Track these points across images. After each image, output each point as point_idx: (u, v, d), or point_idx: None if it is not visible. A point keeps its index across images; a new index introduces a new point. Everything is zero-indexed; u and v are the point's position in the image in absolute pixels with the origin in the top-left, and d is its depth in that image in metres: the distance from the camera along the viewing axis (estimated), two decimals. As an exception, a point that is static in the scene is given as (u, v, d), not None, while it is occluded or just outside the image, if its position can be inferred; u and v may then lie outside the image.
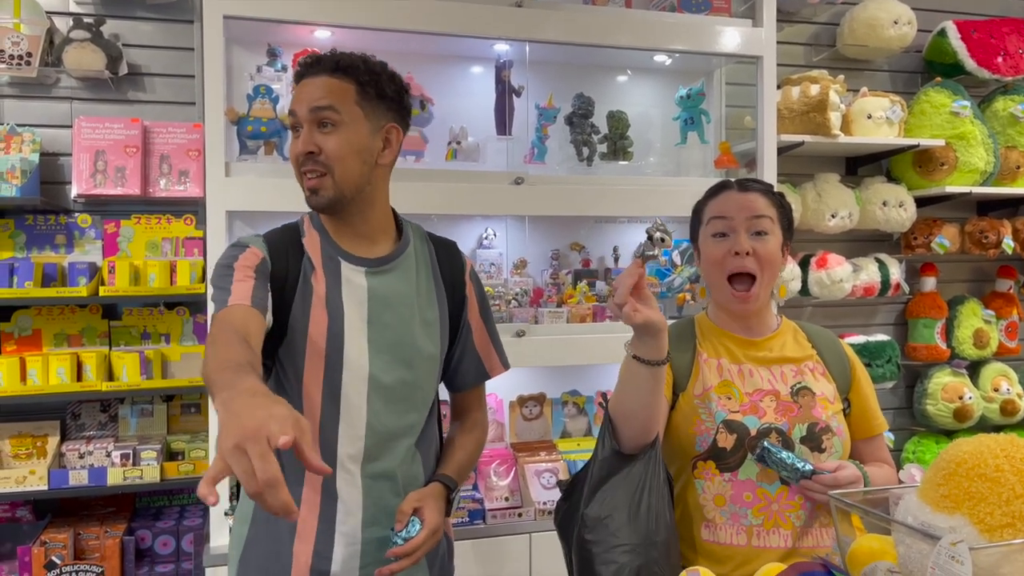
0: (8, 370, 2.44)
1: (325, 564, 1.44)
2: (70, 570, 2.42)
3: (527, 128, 2.87)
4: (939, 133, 3.37)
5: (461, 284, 1.64)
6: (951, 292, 3.64)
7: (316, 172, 1.45)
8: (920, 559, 1.06)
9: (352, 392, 1.46)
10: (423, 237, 1.63)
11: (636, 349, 1.41)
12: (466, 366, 1.66)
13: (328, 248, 1.51)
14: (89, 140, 2.59)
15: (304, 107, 1.44)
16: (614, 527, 1.42)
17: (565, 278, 3.00)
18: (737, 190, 1.61)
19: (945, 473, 1.08)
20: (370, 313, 1.49)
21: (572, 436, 3.02)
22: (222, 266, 1.43)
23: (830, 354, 1.65)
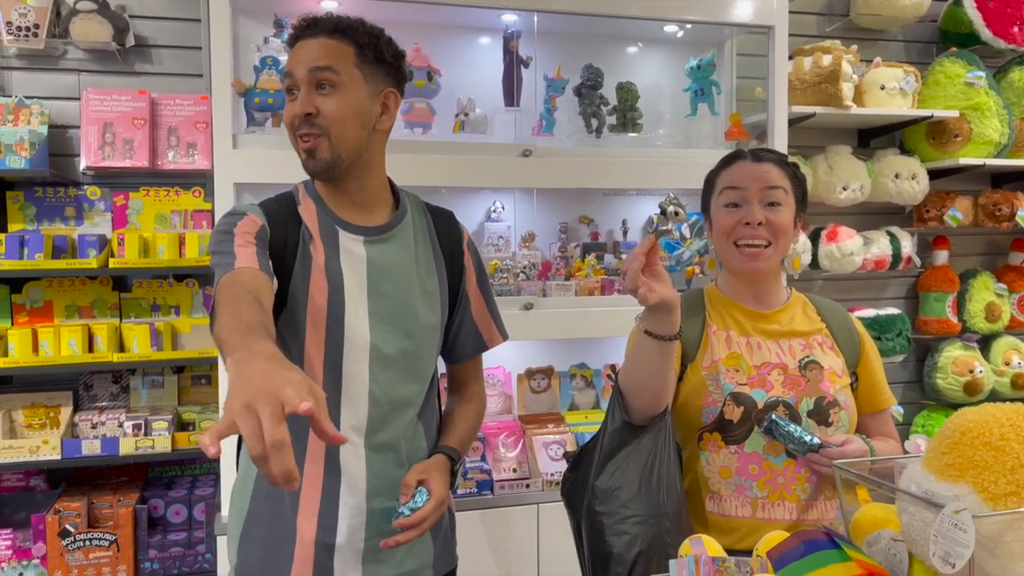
0: (20, 341, 2.47)
1: (330, 537, 1.43)
2: (84, 538, 2.45)
3: (535, 100, 2.85)
4: (953, 104, 3.33)
5: (459, 254, 1.62)
6: (963, 265, 3.61)
7: (313, 134, 1.41)
8: (923, 527, 1.07)
9: (353, 363, 1.44)
10: (420, 207, 1.61)
11: (648, 324, 1.40)
12: (464, 337, 1.64)
13: (325, 217, 1.48)
14: (97, 112, 2.59)
15: (303, 68, 1.40)
16: (625, 498, 1.43)
17: (573, 251, 2.99)
18: (751, 160, 1.59)
19: (950, 442, 1.08)
20: (370, 283, 1.47)
21: (580, 409, 3.03)
22: (220, 232, 1.39)
23: (839, 328, 1.64)
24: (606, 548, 1.41)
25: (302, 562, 1.42)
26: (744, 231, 1.55)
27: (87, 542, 2.46)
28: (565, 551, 2.60)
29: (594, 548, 1.45)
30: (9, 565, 2.44)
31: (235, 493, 1.52)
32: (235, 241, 1.35)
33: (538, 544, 2.61)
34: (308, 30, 1.43)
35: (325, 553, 1.43)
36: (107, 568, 2.47)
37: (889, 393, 1.68)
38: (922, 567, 1.11)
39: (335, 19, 1.44)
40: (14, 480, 2.67)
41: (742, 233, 1.55)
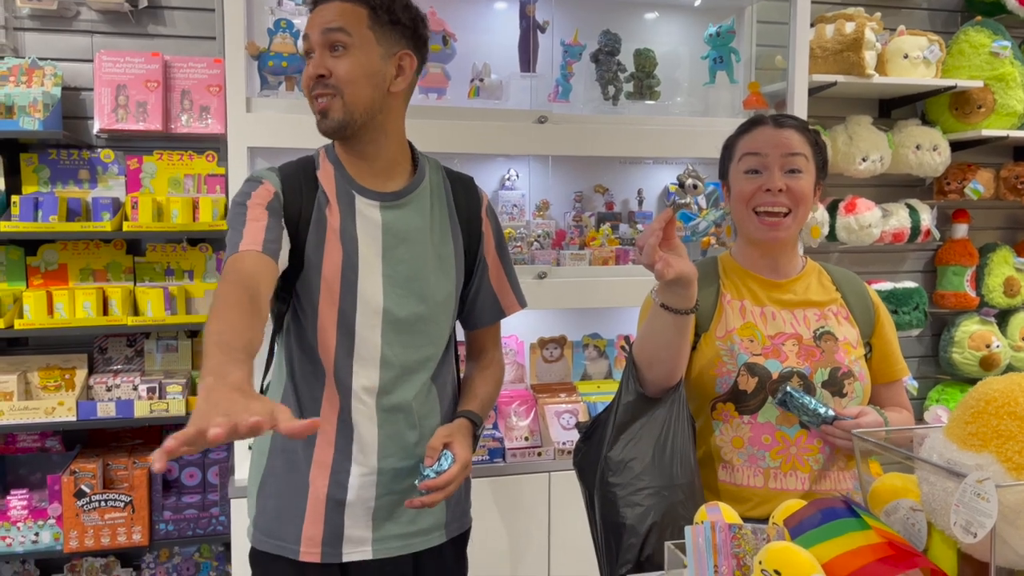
0: (35, 303, 2.47)
1: (341, 493, 1.45)
2: (100, 499, 2.48)
3: (552, 65, 2.81)
4: (977, 74, 3.27)
5: (477, 220, 1.61)
6: (983, 239, 3.57)
7: (327, 94, 1.42)
8: (944, 497, 1.05)
9: (365, 326, 1.46)
10: (440, 172, 1.60)
11: (664, 298, 1.39)
12: (481, 304, 1.64)
13: (342, 181, 1.49)
14: (110, 74, 2.57)
15: (316, 30, 1.42)
16: (638, 470, 1.43)
17: (588, 220, 2.97)
18: (772, 126, 1.56)
19: (974, 411, 1.06)
20: (384, 247, 1.48)
21: (592, 379, 3.03)
22: (236, 204, 1.43)
23: (854, 297, 1.62)
24: (619, 519, 1.41)
25: (313, 516, 1.45)
26: (764, 198, 1.52)
27: (103, 503, 2.48)
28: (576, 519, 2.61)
29: (607, 519, 1.45)
30: (25, 524, 2.47)
31: (255, 450, 1.55)
32: (247, 215, 1.38)
33: (549, 512, 2.62)
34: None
35: (336, 509, 1.46)
36: (122, 529, 2.50)
37: (903, 364, 1.66)
38: (941, 537, 1.10)
39: None
40: (30, 441, 2.70)
41: (762, 200, 1.53)
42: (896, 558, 1.02)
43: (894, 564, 1.01)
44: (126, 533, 2.51)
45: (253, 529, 1.51)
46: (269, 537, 1.48)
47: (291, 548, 1.45)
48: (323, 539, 1.45)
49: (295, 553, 1.45)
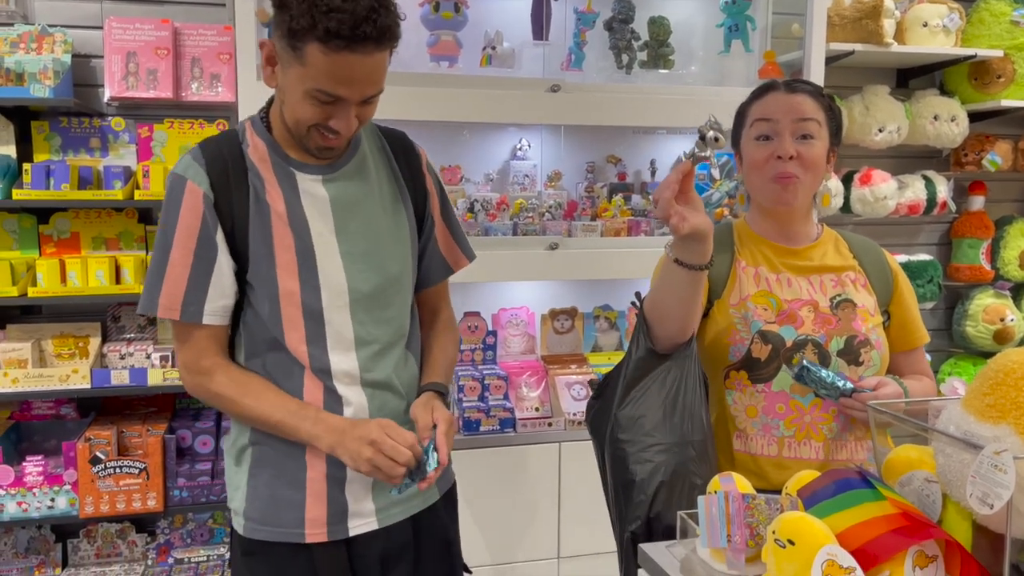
0: (48, 271, 2.48)
1: (340, 471, 1.43)
2: (114, 465, 2.50)
3: (565, 33, 2.77)
4: (997, 43, 3.21)
5: (421, 177, 1.55)
6: (999, 212, 3.53)
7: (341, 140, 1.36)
8: (961, 469, 1.05)
9: (333, 308, 1.41)
10: (374, 133, 1.53)
11: (679, 253, 1.36)
12: (428, 263, 1.59)
13: (278, 159, 1.40)
14: (120, 41, 2.56)
15: (357, 94, 1.29)
16: (648, 427, 1.42)
17: (600, 191, 2.95)
18: (784, 91, 1.53)
19: (992, 383, 1.05)
20: (336, 223, 1.41)
21: (603, 350, 3.03)
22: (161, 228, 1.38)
23: (872, 265, 1.61)
24: (629, 476, 1.41)
25: (315, 498, 1.43)
26: (776, 165, 1.50)
27: (117, 469, 2.51)
28: (585, 489, 2.62)
29: (617, 476, 1.45)
30: (41, 490, 2.50)
31: (231, 440, 1.51)
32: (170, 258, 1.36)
33: (559, 482, 2.64)
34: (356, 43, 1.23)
35: (337, 487, 1.44)
36: (137, 495, 2.53)
37: (923, 331, 1.64)
38: (956, 508, 1.10)
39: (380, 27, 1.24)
40: (45, 408, 2.72)
41: (774, 168, 1.51)
42: (911, 529, 1.02)
43: (909, 535, 1.01)
44: (141, 499, 2.54)
45: (244, 520, 1.46)
46: (267, 525, 1.44)
47: (295, 532, 1.43)
48: (327, 519, 1.43)
49: (300, 537, 1.42)
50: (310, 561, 1.43)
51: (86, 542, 2.74)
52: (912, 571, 1.01)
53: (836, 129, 1.57)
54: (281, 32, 1.26)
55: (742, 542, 1.10)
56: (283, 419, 1.37)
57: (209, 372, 1.40)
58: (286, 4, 1.24)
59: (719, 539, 1.11)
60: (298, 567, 1.43)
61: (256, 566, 1.46)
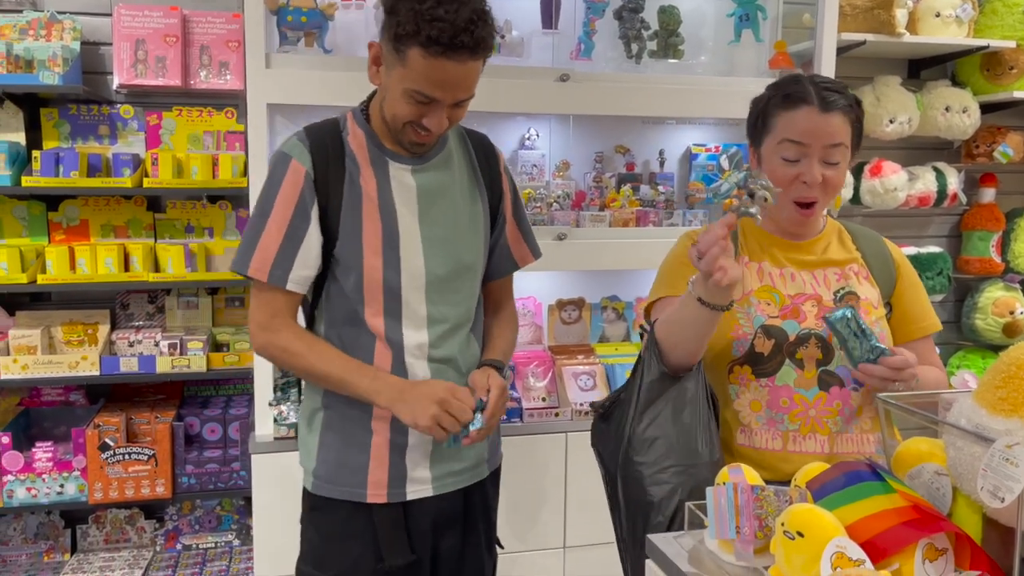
0: (58, 259, 2.49)
1: (402, 438, 1.55)
2: (123, 452, 2.52)
3: (574, 22, 2.75)
4: (1010, 34, 3.18)
5: (498, 177, 1.68)
6: (1010, 204, 3.50)
7: (432, 137, 1.49)
8: (971, 462, 1.05)
9: (411, 288, 1.53)
10: (460, 132, 1.67)
11: (702, 292, 1.37)
12: (497, 258, 1.71)
13: (375, 148, 1.54)
14: (129, 28, 2.55)
15: (450, 97, 1.43)
16: (664, 448, 1.43)
17: (608, 181, 2.94)
18: (818, 109, 1.46)
19: (1004, 376, 1.04)
20: (421, 210, 1.54)
21: (610, 341, 3.02)
22: (264, 193, 1.51)
23: (873, 256, 1.60)
24: (646, 498, 1.41)
25: (378, 462, 1.55)
26: (800, 189, 1.48)
27: (126, 456, 2.52)
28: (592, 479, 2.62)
29: (633, 498, 1.45)
30: (50, 476, 2.52)
31: (304, 408, 1.65)
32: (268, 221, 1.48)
33: (566, 472, 2.64)
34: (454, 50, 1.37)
35: (398, 453, 1.56)
36: (146, 481, 2.54)
37: (932, 319, 1.61)
38: (967, 501, 1.10)
39: (476, 37, 1.38)
40: (54, 395, 2.74)
41: (798, 192, 1.48)
42: (921, 522, 1.02)
43: (919, 528, 1.01)
44: (149, 486, 2.55)
45: (313, 478, 1.60)
46: (333, 484, 1.57)
47: (358, 492, 1.55)
48: (388, 481, 1.55)
49: (361, 496, 1.55)
50: (370, 520, 1.56)
51: (95, 528, 2.76)
52: (922, 564, 1.01)
53: (858, 138, 1.53)
54: (388, 35, 1.41)
55: (751, 533, 1.10)
56: (344, 375, 1.49)
57: (279, 329, 1.52)
58: (395, 10, 1.38)
59: (728, 530, 1.11)
60: (358, 524, 1.56)
61: (321, 520, 1.59)
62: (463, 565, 1.65)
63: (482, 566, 1.70)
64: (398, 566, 1.55)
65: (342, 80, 2.41)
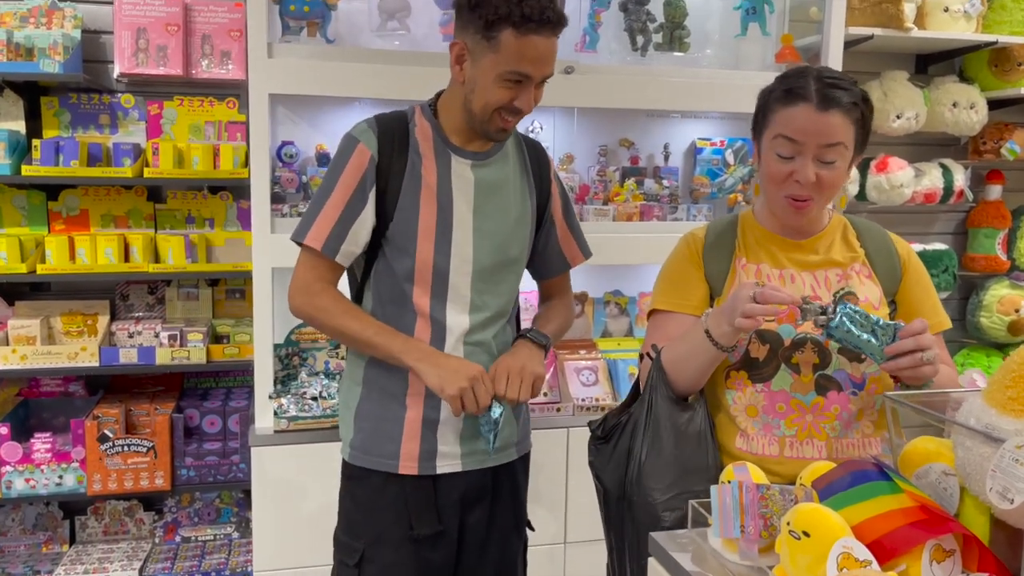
0: (57, 248, 2.47)
1: (435, 414, 1.64)
2: (122, 443, 2.51)
3: (579, 14, 2.73)
4: (1019, 30, 3.15)
5: (548, 180, 1.79)
6: (1017, 201, 3.48)
7: (516, 121, 1.60)
8: (980, 462, 1.03)
9: (459, 273, 1.63)
10: (516, 135, 1.75)
11: (713, 329, 1.40)
12: (549, 257, 1.83)
13: (440, 142, 1.64)
14: (130, 17, 2.53)
15: (540, 72, 1.55)
16: (676, 475, 1.43)
17: (613, 175, 2.91)
18: (815, 107, 1.41)
19: (1015, 375, 1.03)
20: (476, 202, 1.64)
21: (613, 336, 3.00)
22: (331, 168, 1.63)
23: (877, 253, 1.56)
24: (660, 524, 1.40)
25: (410, 435, 1.64)
26: (793, 186, 1.44)
27: (125, 447, 2.51)
28: (593, 475, 2.61)
29: (644, 522, 1.43)
30: (49, 467, 2.51)
31: (346, 381, 1.74)
32: (333, 192, 1.60)
33: (567, 467, 2.62)
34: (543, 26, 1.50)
35: (430, 428, 1.64)
36: (145, 473, 2.53)
37: (941, 316, 1.57)
38: (974, 502, 1.08)
39: (559, 13, 1.53)
40: (53, 385, 2.72)
41: (791, 189, 1.45)
42: (929, 522, 1.00)
43: (927, 528, 0.99)
44: (148, 478, 2.54)
45: (349, 448, 1.69)
46: (368, 455, 1.66)
47: (390, 463, 1.64)
48: (419, 455, 1.64)
49: (394, 468, 1.64)
50: (402, 490, 1.64)
51: (94, 519, 2.75)
52: (929, 565, 0.99)
53: (864, 137, 1.47)
54: (475, 28, 1.52)
55: (756, 533, 1.08)
56: (375, 336, 1.59)
57: (319, 292, 1.63)
58: (481, 2, 1.50)
59: (732, 529, 1.10)
60: (390, 494, 1.65)
61: (356, 489, 1.69)
62: (489, 540, 1.74)
63: (509, 544, 1.78)
64: (426, 535, 1.64)
65: (344, 71, 2.39)
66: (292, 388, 2.45)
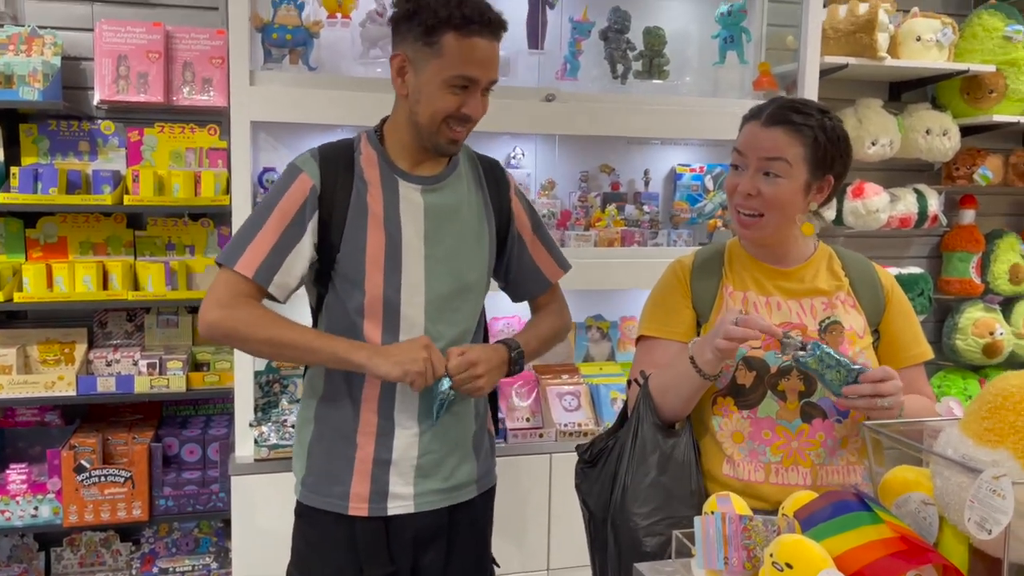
0: (35, 276, 2.45)
1: (387, 454, 1.59)
2: (99, 474, 2.47)
3: (560, 42, 2.76)
4: (990, 58, 3.23)
5: (507, 200, 1.73)
6: (990, 225, 3.54)
7: (465, 132, 1.56)
8: (958, 492, 1.04)
9: (410, 304, 1.57)
10: (471, 156, 1.72)
11: (698, 357, 1.43)
12: (526, 277, 1.78)
13: (386, 167, 1.59)
14: (111, 44, 2.53)
15: (486, 75, 1.52)
16: (660, 500, 1.45)
17: (594, 201, 2.94)
18: (761, 124, 1.48)
19: (991, 407, 1.04)
20: (427, 228, 1.59)
21: (595, 360, 3.01)
22: (268, 197, 1.56)
23: (861, 283, 1.58)
24: (642, 548, 1.42)
25: (361, 476, 1.59)
26: (737, 198, 1.50)
27: (102, 478, 2.47)
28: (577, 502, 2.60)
29: (627, 545, 1.45)
30: (24, 498, 2.46)
31: (299, 418, 1.70)
32: (267, 221, 1.52)
33: (550, 492, 2.62)
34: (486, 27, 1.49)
35: (382, 468, 1.59)
36: (122, 504, 2.50)
37: (923, 347, 1.60)
38: (953, 531, 1.09)
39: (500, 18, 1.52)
40: (29, 415, 2.68)
41: (737, 200, 1.51)
42: (909, 553, 1.01)
43: (907, 559, 1.00)
44: (126, 508, 2.50)
45: (301, 487, 1.65)
46: (318, 494, 1.62)
47: (340, 504, 1.60)
48: (370, 496, 1.59)
49: (344, 508, 1.59)
50: (352, 532, 1.60)
51: (70, 551, 2.70)
52: (910, 596, 1.00)
53: (826, 160, 1.48)
54: (414, 36, 1.49)
55: (739, 564, 1.08)
56: (315, 341, 1.52)
57: (242, 305, 1.52)
58: (418, 10, 1.47)
59: (716, 560, 1.10)
60: (341, 535, 1.61)
61: (307, 528, 1.65)
62: None
63: None
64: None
65: (327, 98, 2.40)
66: (273, 416, 2.43)
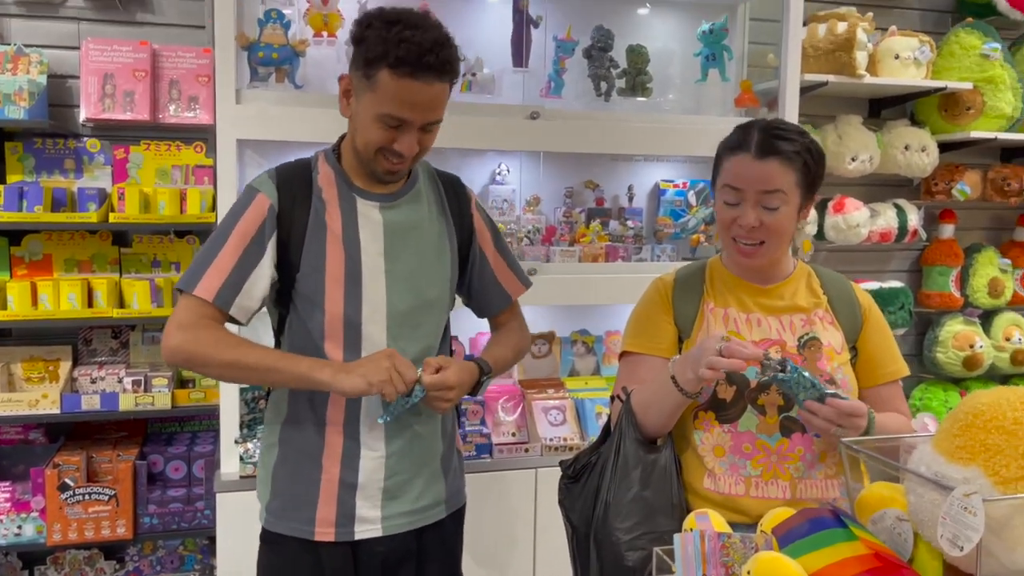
0: (19, 294, 2.45)
1: (352, 477, 1.56)
2: (83, 492, 2.46)
3: (544, 60, 2.80)
4: (967, 76, 3.28)
5: (468, 216, 1.71)
6: (969, 240, 3.59)
7: (404, 163, 1.52)
8: (931, 509, 1.06)
9: (371, 322, 1.55)
10: (430, 173, 1.70)
11: (679, 376, 1.44)
12: (488, 294, 1.77)
13: (344, 186, 1.58)
14: (97, 63, 2.54)
15: (420, 118, 1.46)
16: (642, 515, 1.46)
17: (578, 216, 2.96)
18: (754, 156, 1.48)
19: (962, 424, 1.07)
20: (386, 246, 1.57)
21: (580, 375, 3.03)
22: (226, 219, 1.53)
23: (839, 301, 1.61)
24: (624, 563, 1.43)
25: (327, 500, 1.56)
26: (738, 231, 1.52)
27: (87, 496, 2.47)
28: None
29: (608, 560, 1.46)
30: (8, 517, 2.45)
31: (263, 442, 1.67)
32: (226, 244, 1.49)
33: (535, 507, 2.63)
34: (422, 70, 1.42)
35: (348, 492, 1.57)
36: (106, 522, 2.49)
37: (898, 364, 1.63)
38: (927, 547, 1.11)
39: (442, 58, 1.43)
40: (13, 433, 2.67)
41: (736, 232, 1.52)
42: (883, 570, 1.03)
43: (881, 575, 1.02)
44: (110, 526, 2.49)
45: (266, 513, 1.62)
46: (283, 520, 1.59)
47: (306, 529, 1.57)
48: (336, 520, 1.56)
49: (309, 534, 1.56)
50: (318, 558, 1.57)
51: (53, 569, 2.69)
52: (884, 612, 1.02)
53: (812, 182, 1.53)
54: (357, 64, 1.46)
55: (717, 582, 1.10)
56: (278, 361, 1.49)
57: (205, 327, 1.48)
58: (364, 38, 1.44)
59: (694, 578, 1.11)
60: (307, 561, 1.57)
61: (272, 555, 1.62)
62: None
63: None
64: None
65: (313, 116, 2.42)
66: (258, 432, 2.43)
